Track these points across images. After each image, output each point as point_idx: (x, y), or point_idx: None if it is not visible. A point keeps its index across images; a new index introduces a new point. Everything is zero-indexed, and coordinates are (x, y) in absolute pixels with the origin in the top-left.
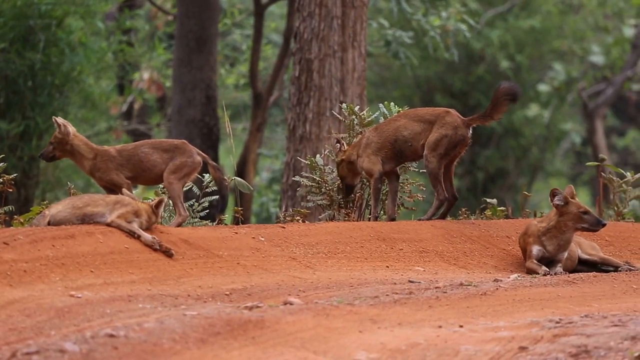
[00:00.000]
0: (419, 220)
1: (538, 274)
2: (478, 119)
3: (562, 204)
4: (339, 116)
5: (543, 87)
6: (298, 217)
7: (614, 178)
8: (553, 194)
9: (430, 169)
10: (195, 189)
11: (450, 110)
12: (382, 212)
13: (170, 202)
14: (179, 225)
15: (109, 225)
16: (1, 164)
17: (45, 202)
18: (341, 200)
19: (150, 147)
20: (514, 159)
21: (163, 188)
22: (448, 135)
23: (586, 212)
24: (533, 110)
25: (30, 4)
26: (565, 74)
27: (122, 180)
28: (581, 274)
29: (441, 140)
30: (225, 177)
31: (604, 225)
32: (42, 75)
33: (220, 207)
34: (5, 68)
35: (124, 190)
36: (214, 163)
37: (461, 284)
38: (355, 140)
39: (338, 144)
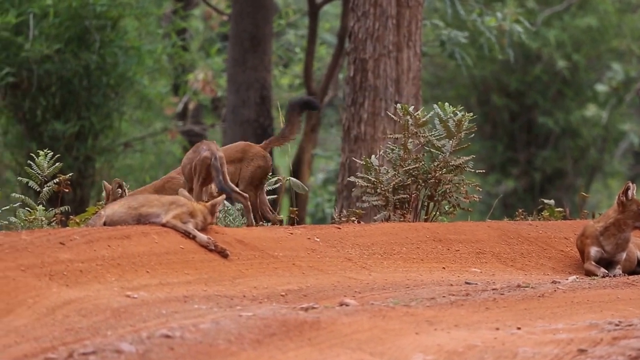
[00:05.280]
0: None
1: (597, 275)
2: (276, 141)
3: (628, 200)
4: (393, 116)
5: (601, 87)
6: (353, 218)
7: None
8: (627, 188)
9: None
10: None
11: (247, 142)
12: (437, 213)
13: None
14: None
15: (164, 225)
16: (57, 164)
17: (100, 203)
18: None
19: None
20: (572, 159)
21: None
22: (261, 166)
23: None
24: (591, 110)
25: (85, 5)
26: (624, 73)
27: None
28: None
29: (255, 172)
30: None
31: None
32: (97, 75)
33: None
34: (60, 68)
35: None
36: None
37: (519, 286)
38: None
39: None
